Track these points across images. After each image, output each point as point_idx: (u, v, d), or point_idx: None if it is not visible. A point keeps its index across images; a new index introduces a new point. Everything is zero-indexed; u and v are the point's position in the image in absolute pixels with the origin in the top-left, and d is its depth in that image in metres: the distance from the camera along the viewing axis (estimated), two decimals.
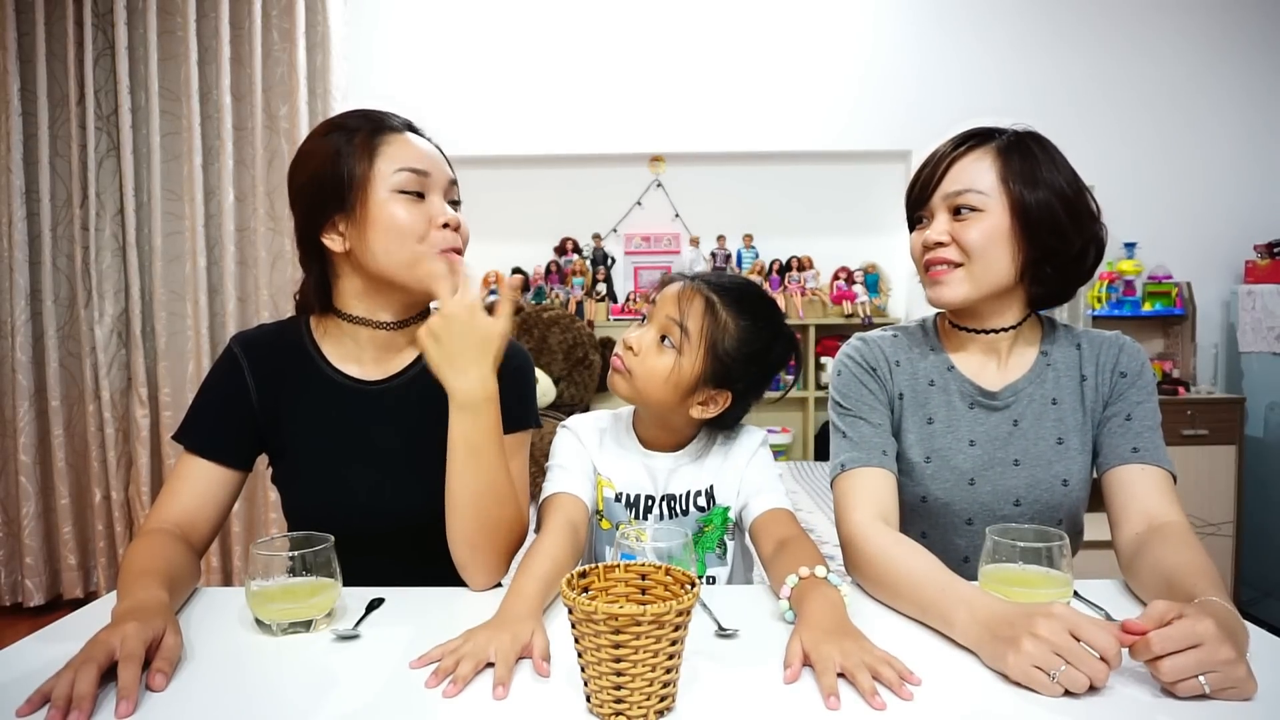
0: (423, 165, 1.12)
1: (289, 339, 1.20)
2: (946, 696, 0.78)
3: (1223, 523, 3.13)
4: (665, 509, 1.22)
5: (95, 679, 0.75)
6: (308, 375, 1.18)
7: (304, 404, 1.17)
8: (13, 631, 2.94)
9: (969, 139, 1.19)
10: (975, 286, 1.15)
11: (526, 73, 3.54)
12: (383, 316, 1.17)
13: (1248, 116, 3.62)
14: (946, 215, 1.16)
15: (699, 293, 1.15)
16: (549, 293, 3.51)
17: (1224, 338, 3.60)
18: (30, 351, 3.16)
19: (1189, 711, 0.74)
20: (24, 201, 3.12)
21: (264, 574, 0.94)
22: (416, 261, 1.10)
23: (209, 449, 1.14)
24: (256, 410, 1.16)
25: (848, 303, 3.44)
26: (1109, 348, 1.21)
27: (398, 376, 1.20)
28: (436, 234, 1.11)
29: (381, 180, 1.09)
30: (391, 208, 1.09)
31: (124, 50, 3.13)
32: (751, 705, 0.76)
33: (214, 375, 1.19)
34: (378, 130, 1.12)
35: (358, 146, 1.10)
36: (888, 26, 3.57)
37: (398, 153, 1.11)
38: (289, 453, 1.18)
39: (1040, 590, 0.94)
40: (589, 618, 0.70)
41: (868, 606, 1.03)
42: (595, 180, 3.63)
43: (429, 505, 1.12)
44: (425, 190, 1.12)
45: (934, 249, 1.16)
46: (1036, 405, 1.20)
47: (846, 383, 1.25)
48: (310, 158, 1.13)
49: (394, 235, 1.09)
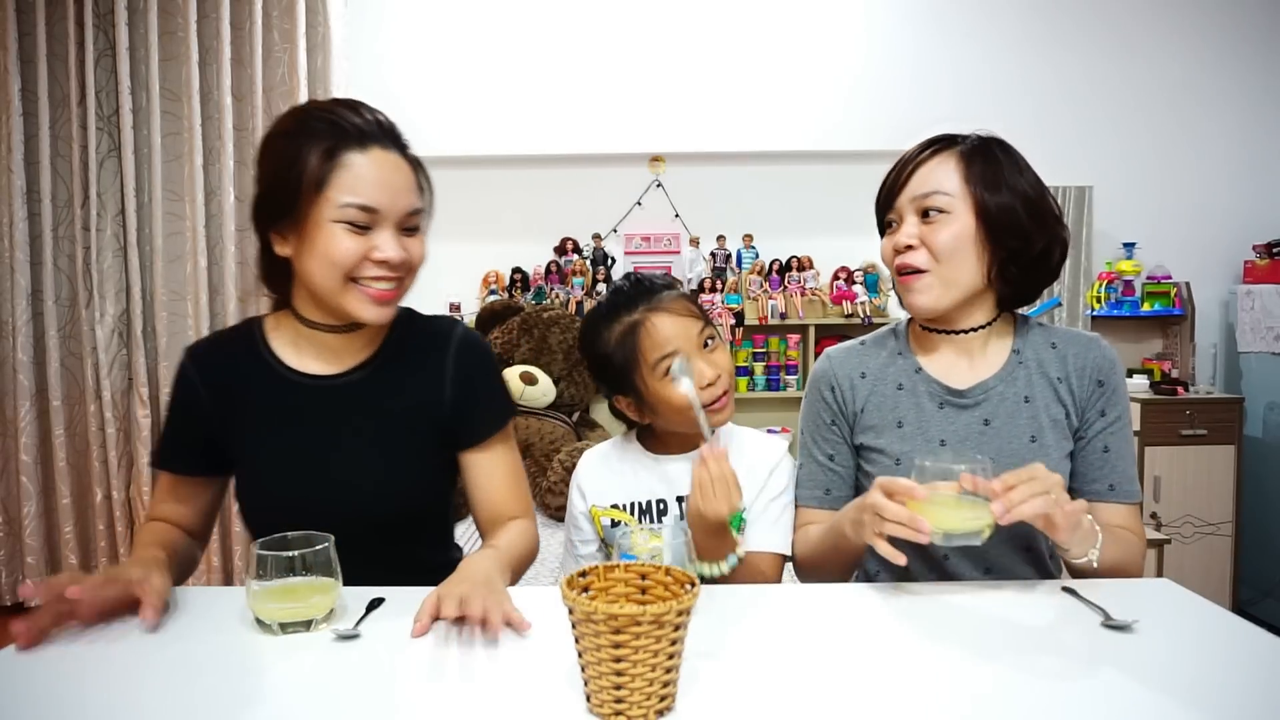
0: (372, 201, 1.06)
1: (241, 343, 1.19)
2: (947, 696, 0.78)
3: (1221, 523, 3.13)
4: (684, 510, 1.23)
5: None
6: (261, 376, 1.17)
7: (259, 405, 1.16)
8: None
9: (934, 144, 1.20)
10: (946, 291, 1.17)
11: (526, 73, 3.54)
12: (330, 321, 1.16)
13: (1246, 117, 3.61)
14: (915, 218, 1.18)
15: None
16: (549, 293, 3.51)
17: (1223, 338, 3.60)
18: (31, 351, 3.16)
19: (1187, 699, 0.74)
20: (25, 202, 3.12)
21: (264, 574, 0.94)
22: (343, 293, 1.09)
23: (175, 466, 1.19)
24: (212, 417, 1.16)
25: (848, 303, 3.44)
26: (1085, 350, 1.21)
27: (354, 371, 1.18)
28: (370, 267, 1.08)
29: (328, 206, 1.05)
30: (329, 236, 1.06)
31: (125, 51, 3.12)
32: (751, 705, 0.77)
33: (172, 391, 1.20)
34: (338, 146, 1.06)
35: (313, 162, 1.05)
36: (887, 27, 3.56)
37: (351, 182, 1.05)
38: (247, 455, 1.17)
39: (964, 511, 0.97)
40: (589, 618, 0.70)
41: (877, 617, 1.03)
42: (595, 180, 3.63)
43: (381, 498, 1.15)
44: (373, 225, 1.08)
45: (904, 253, 1.18)
46: (1009, 404, 1.20)
47: (807, 408, 1.32)
48: (271, 153, 1.10)
49: (326, 263, 1.07)
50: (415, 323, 1.24)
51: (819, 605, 1.04)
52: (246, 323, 1.22)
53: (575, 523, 1.31)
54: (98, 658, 0.88)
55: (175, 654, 0.89)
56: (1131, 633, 0.92)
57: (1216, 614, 0.98)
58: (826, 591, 1.12)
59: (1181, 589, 1.07)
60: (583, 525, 1.30)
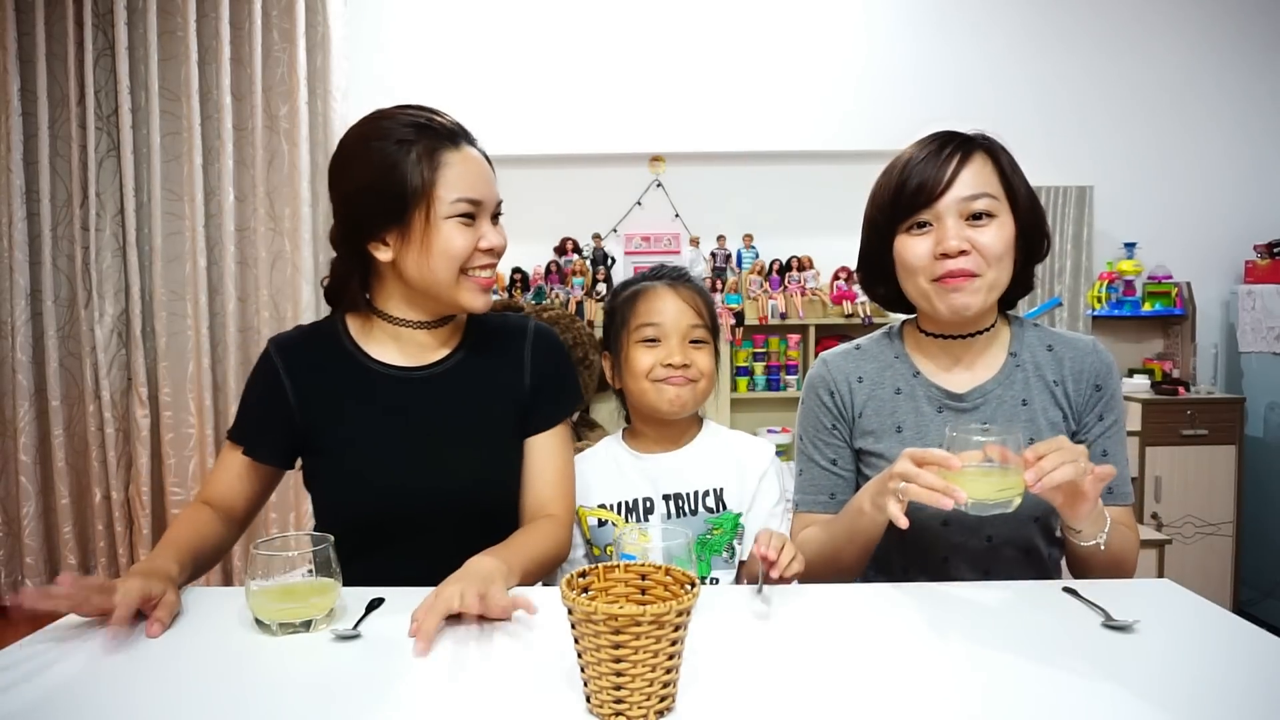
0: (478, 194, 1.14)
1: (326, 338, 1.23)
2: (947, 696, 0.78)
3: (1222, 523, 3.12)
4: (673, 508, 1.23)
5: (98, 607, 0.91)
6: (347, 369, 1.20)
7: (345, 396, 1.19)
8: (13, 631, 2.93)
9: (952, 141, 1.16)
10: (990, 294, 1.15)
11: (526, 73, 3.54)
12: (422, 317, 1.20)
13: (1247, 117, 3.61)
14: (959, 220, 1.12)
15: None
16: (549, 293, 3.50)
17: (1224, 338, 3.60)
18: (30, 351, 3.16)
19: (1188, 699, 0.74)
20: (24, 201, 3.12)
21: (264, 574, 0.94)
22: (456, 286, 1.14)
23: (245, 443, 1.21)
24: (294, 409, 1.19)
25: (848, 303, 3.44)
26: (1083, 354, 1.21)
27: (438, 364, 1.22)
28: (480, 257, 1.15)
29: (441, 205, 1.11)
30: (447, 233, 1.12)
31: (124, 50, 3.12)
32: (751, 705, 0.77)
33: (253, 378, 1.23)
34: (436, 147, 1.12)
35: (417, 163, 1.10)
36: (887, 27, 3.56)
37: (457, 179, 1.12)
38: (331, 445, 1.19)
39: (995, 479, 0.97)
40: (589, 618, 0.70)
41: (884, 615, 1.03)
42: (595, 180, 3.63)
43: (477, 484, 1.17)
44: (477, 215, 1.14)
45: (956, 257, 1.12)
46: (1006, 407, 1.20)
47: (805, 413, 1.30)
48: (361, 165, 1.12)
49: (444, 258, 1.12)
50: (489, 319, 1.29)
51: (819, 605, 1.04)
52: (329, 319, 1.26)
53: None
54: (98, 658, 0.87)
55: (175, 654, 0.89)
56: (1131, 633, 0.92)
57: (1217, 614, 0.98)
58: (826, 592, 1.12)
59: (1182, 589, 1.07)
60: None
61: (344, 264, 1.20)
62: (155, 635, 0.92)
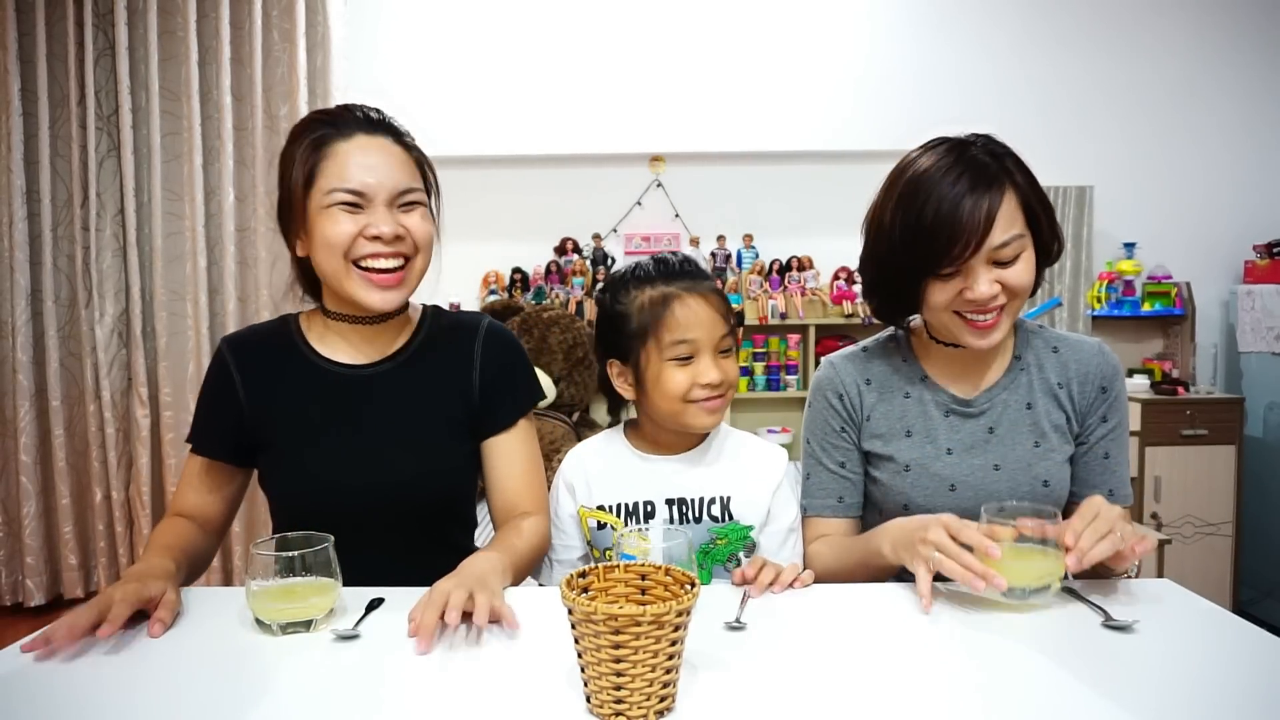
0: (358, 184, 1.10)
1: (278, 335, 1.24)
2: (947, 696, 0.78)
3: (1222, 523, 3.12)
4: (676, 514, 1.21)
5: (90, 621, 0.89)
6: (296, 367, 1.21)
7: (292, 393, 1.19)
8: (13, 631, 2.94)
9: (981, 181, 1.08)
10: (1013, 319, 1.16)
11: (526, 73, 3.54)
12: (354, 313, 1.19)
13: (1247, 116, 3.61)
14: (988, 268, 1.09)
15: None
16: (549, 293, 3.50)
17: (1223, 338, 3.60)
18: (31, 351, 3.16)
19: (1188, 699, 0.74)
20: (25, 202, 3.12)
21: (264, 574, 0.94)
22: (348, 278, 1.13)
23: (205, 448, 1.21)
24: (244, 406, 1.19)
25: (848, 303, 3.44)
26: (1089, 356, 1.21)
27: (384, 361, 1.22)
28: (365, 244, 1.11)
29: (319, 195, 1.11)
30: (324, 221, 1.11)
31: (124, 50, 3.12)
32: (751, 705, 0.77)
33: (206, 377, 1.24)
34: (324, 139, 1.12)
35: (304, 156, 1.12)
36: (887, 26, 3.56)
37: (339, 168, 1.11)
38: (279, 442, 1.19)
39: (1034, 563, 0.96)
40: (589, 618, 0.70)
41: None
42: (595, 180, 3.63)
43: (420, 480, 1.17)
44: (365, 206, 1.11)
45: (986, 304, 1.10)
46: (1012, 411, 1.20)
47: (813, 416, 1.29)
48: (280, 161, 1.17)
49: (324, 249, 1.12)
50: (443, 317, 1.29)
51: (819, 606, 1.04)
52: (282, 318, 1.27)
53: (560, 525, 1.27)
54: (97, 658, 0.88)
55: (175, 654, 0.89)
56: (1131, 633, 0.92)
57: (1216, 614, 0.98)
58: (826, 592, 1.12)
59: (1181, 589, 1.07)
60: (568, 529, 1.26)
61: (293, 262, 1.23)
62: (157, 635, 0.92)
